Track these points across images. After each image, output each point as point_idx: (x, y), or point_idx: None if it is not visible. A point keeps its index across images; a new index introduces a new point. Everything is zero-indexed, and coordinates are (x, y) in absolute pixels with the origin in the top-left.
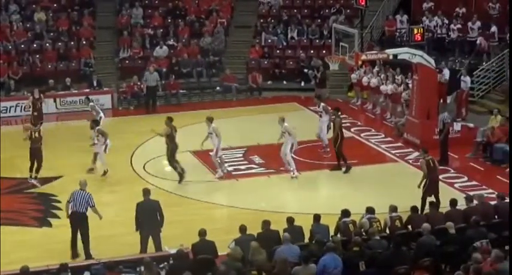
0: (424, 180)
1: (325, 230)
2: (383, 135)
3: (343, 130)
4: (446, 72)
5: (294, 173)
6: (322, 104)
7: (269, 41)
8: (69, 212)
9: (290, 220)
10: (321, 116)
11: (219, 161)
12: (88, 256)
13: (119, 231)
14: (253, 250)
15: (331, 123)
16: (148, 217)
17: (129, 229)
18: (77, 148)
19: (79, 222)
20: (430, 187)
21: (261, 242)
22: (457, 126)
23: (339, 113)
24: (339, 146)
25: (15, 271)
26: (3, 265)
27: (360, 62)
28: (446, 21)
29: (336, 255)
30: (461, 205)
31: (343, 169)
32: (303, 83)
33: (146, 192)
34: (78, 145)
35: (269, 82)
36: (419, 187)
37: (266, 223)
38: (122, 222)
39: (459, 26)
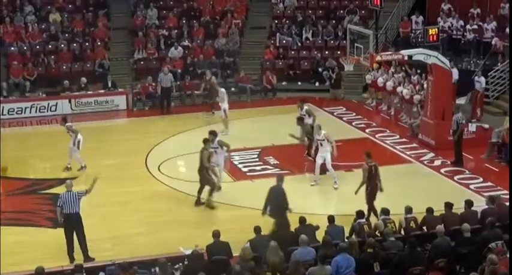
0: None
1: (340, 232)
2: (398, 136)
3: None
4: (455, 72)
5: (335, 184)
6: (305, 107)
7: (284, 41)
8: (62, 216)
9: (302, 220)
10: (303, 119)
11: None
12: (87, 258)
13: (133, 231)
14: (270, 250)
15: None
16: (275, 199)
17: (144, 229)
18: (91, 149)
19: (75, 224)
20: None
21: (276, 242)
22: (472, 127)
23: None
24: None
25: (30, 272)
26: (16, 266)
27: (376, 64)
28: (461, 22)
29: (348, 255)
30: (477, 206)
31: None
32: (317, 84)
33: (280, 178)
34: (93, 146)
35: (284, 83)
36: (356, 193)
37: None
38: (136, 222)
39: (475, 26)
